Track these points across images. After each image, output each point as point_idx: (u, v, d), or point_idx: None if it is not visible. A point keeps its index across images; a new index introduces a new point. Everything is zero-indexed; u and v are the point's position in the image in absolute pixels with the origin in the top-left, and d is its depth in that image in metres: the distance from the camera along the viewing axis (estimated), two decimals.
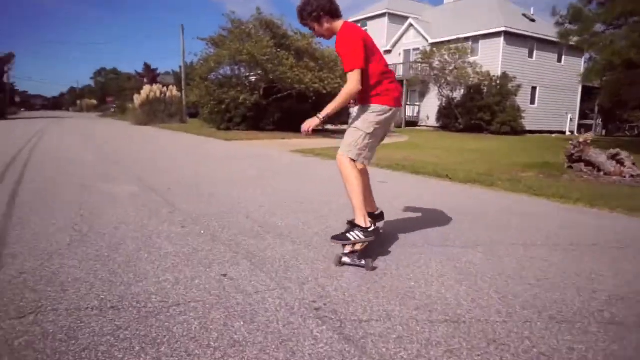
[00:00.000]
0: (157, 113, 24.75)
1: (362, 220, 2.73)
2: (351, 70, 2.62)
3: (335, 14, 2.73)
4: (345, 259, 2.65)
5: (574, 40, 14.67)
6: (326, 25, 2.74)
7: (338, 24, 2.74)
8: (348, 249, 2.69)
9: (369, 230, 2.69)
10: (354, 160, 2.83)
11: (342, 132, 13.32)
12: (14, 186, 4.84)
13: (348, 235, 2.69)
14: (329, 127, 21.04)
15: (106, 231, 3.18)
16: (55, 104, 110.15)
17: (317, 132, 16.05)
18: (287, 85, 16.44)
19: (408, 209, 4.24)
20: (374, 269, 2.59)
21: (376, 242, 2.85)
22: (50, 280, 2.26)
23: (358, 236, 2.66)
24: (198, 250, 2.78)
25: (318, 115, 2.79)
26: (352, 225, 2.76)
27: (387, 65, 2.89)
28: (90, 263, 2.52)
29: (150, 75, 52.61)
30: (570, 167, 8.46)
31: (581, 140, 8.45)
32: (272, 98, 17.23)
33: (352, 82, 2.63)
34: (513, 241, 3.30)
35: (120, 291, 2.14)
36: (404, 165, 8.15)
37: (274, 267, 2.52)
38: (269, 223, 3.52)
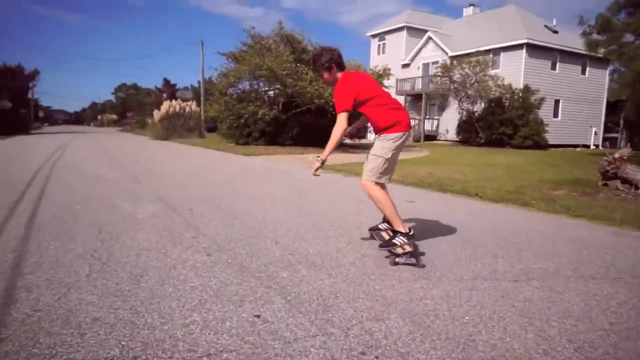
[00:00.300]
0: (176, 128, 24.92)
1: (401, 227, 3.12)
2: (340, 113, 3.11)
3: (341, 66, 3.25)
4: (399, 259, 3.00)
5: (601, 50, 14.24)
6: (335, 75, 3.24)
7: (340, 74, 3.24)
8: (400, 250, 3.04)
9: (410, 234, 3.10)
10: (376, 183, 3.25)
11: (360, 147, 13.27)
12: (34, 206, 4.71)
13: (394, 241, 3.09)
14: (347, 141, 20.86)
15: (127, 259, 2.98)
16: (77, 118, 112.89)
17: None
18: (306, 99, 16.32)
19: (444, 233, 3.95)
20: (423, 266, 2.97)
21: (420, 273, 2.59)
22: (67, 321, 2.04)
23: (402, 240, 3.06)
24: (226, 284, 2.54)
25: (318, 157, 3.25)
26: (394, 232, 3.16)
27: (391, 98, 3.39)
28: (111, 299, 2.30)
29: (169, 90, 53.39)
30: (605, 184, 8.04)
31: (617, 156, 8.03)
32: (291, 113, 17.13)
33: (340, 122, 3.11)
34: (568, 272, 2.98)
35: (144, 336, 1.91)
36: (430, 182, 7.85)
37: (311, 306, 2.26)
38: (300, 250, 3.27)
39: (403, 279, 2.73)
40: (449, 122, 26.51)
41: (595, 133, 26.59)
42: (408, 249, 3.03)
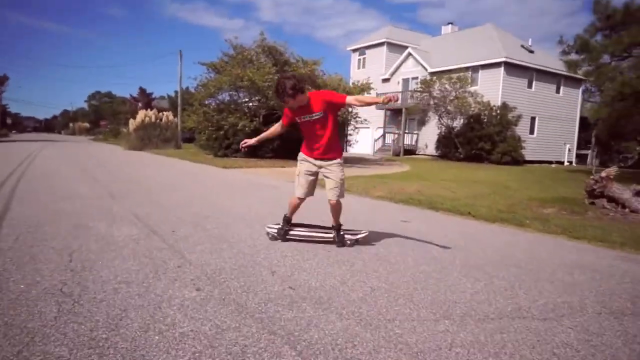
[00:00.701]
0: (151, 138, 24.18)
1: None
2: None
3: (303, 90, 3.58)
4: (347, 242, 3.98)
5: (580, 70, 14.54)
6: (298, 99, 3.55)
7: (306, 95, 3.62)
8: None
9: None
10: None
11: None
12: None
13: (345, 239, 4.03)
14: None
15: (103, 295, 2.56)
16: (48, 126, 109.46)
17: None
18: None
19: (452, 260, 3.67)
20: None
21: (440, 311, 2.28)
22: None
23: (349, 234, 4.10)
24: (223, 329, 2.17)
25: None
26: (338, 230, 4.08)
27: None
28: (84, 351, 1.90)
29: (145, 99, 52.26)
30: (592, 203, 8.00)
31: (603, 175, 8.01)
32: (271, 125, 16.78)
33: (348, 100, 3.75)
34: (596, 308, 2.73)
35: None
36: (419, 199, 7.63)
37: (328, 359, 1.92)
38: (301, 282, 2.92)
39: (422, 318, 2.42)
40: (428, 136, 26.68)
41: (569, 150, 27.23)
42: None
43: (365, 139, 28.39)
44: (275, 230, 4.07)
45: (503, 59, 23.45)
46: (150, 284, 2.79)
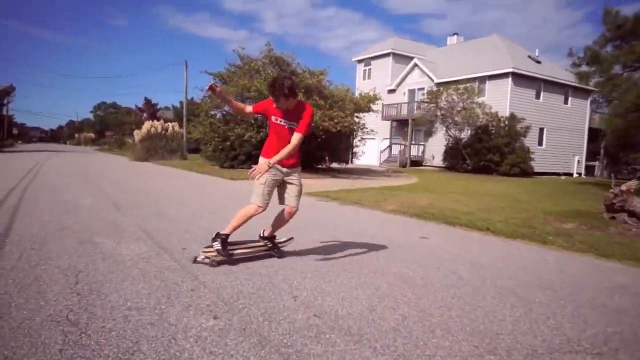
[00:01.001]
0: (157, 149, 24.07)
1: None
2: (304, 135, 3.59)
3: (296, 94, 3.50)
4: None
5: (592, 82, 14.35)
6: (290, 101, 3.46)
7: (295, 101, 3.53)
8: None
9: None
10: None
11: (345, 172, 12.70)
12: None
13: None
14: (334, 165, 20.45)
15: (112, 324, 2.35)
16: (53, 136, 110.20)
17: (321, 171, 15.31)
18: None
19: (481, 282, 3.43)
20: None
21: (484, 345, 2.05)
22: None
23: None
24: None
25: (268, 163, 3.51)
26: (273, 240, 4.00)
27: None
28: None
29: (151, 110, 52.45)
30: (613, 217, 7.74)
31: (624, 188, 7.76)
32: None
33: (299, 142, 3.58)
34: None
35: None
36: (433, 213, 7.40)
37: None
38: (326, 309, 2.69)
39: (465, 353, 2.19)
40: (435, 148, 26.47)
41: (578, 161, 26.93)
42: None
43: (371, 150, 28.19)
44: (215, 253, 3.53)
45: (510, 70, 23.30)
46: (163, 310, 2.57)
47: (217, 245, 3.55)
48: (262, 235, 3.99)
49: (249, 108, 3.78)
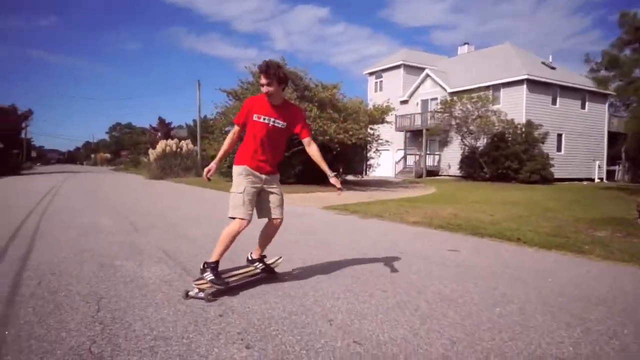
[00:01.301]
0: (172, 167, 24.21)
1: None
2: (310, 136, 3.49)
3: (285, 86, 3.27)
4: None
5: (612, 87, 14.01)
6: (279, 92, 3.21)
7: (284, 95, 3.33)
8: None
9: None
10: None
11: (361, 184, 12.46)
12: (17, 269, 3.88)
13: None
14: (350, 177, 20.24)
15: (138, 357, 2.17)
16: (70, 157, 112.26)
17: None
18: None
19: (526, 298, 3.19)
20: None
21: None
22: None
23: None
24: None
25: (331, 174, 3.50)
26: (263, 260, 3.65)
27: None
28: None
29: (164, 129, 53.04)
30: None
31: None
32: (294, 150, 16.55)
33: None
34: None
35: None
36: (458, 224, 7.15)
37: None
38: (365, 334, 2.49)
39: None
40: (450, 157, 26.13)
41: (599, 166, 26.31)
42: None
43: (386, 161, 27.96)
44: (208, 285, 3.12)
45: (525, 77, 23.00)
46: (191, 339, 2.39)
47: (209, 275, 3.13)
48: (250, 258, 3.64)
49: (235, 132, 3.37)
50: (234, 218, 3.20)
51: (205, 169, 3.27)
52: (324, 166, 3.47)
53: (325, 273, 3.83)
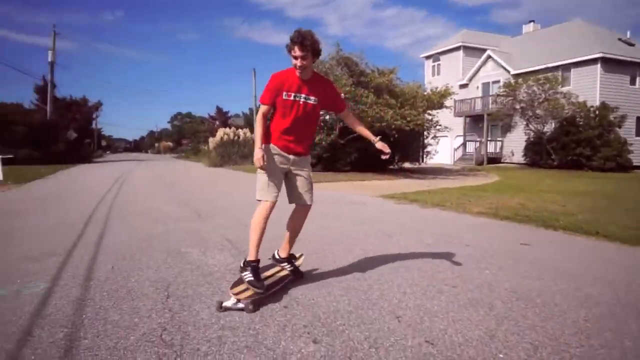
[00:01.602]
0: (230, 155, 24.89)
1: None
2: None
3: (317, 59, 2.95)
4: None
5: None
6: (310, 67, 2.91)
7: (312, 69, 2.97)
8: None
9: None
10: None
11: (418, 171, 11.97)
12: (91, 253, 4.09)
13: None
14: (407, 165, 19.79)
15: (207, 347, 2.18)
16: (136, 146, 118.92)
17: (393, 171, 14.71)
18: (366, 123, 15.54)
19: (614, 300, 2.88)
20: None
21: None
22: None
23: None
24: None
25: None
26: (290, 260, 3.33)
27: None
28: None
29: (222, 118, 54.62)
30: None
31: None
32: (349, 137, 16.40)
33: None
34: None
35: None
36: (527, 215, 6.71)
37: None
38: (437, 334, 2.34)
39: None
40: (514, 143, 24.82)
41: None
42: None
43: (444, 148, 27.05)
44: (249, 292, 2.76)
45: (599, 55, 21.22)
46: (258, 331, 2.37)
47: (249, 275, 2.82)
48: (278, 257, 3.30)
49: (264, 112, 2.99)
50: (259, 200, 3.00)
51: (257, 159, 2.86)
52: (367, 133, 3.27)
53: (389, 265, 3.70)
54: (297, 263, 3.33)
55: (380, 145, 3.15)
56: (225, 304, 2.63)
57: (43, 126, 27.06)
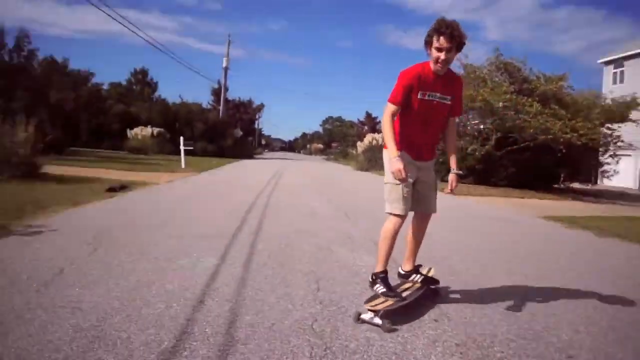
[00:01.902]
0: (377, 160, 25.14)
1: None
2: None
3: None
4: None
5: None
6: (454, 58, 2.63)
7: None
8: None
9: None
10: None
11: (593, 194, 10.24)
12: (251, 240, 4.50)
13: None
14: (576, 185, 17.39)
15: (355, 345, 2.18)
16: (290, 146, 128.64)
17: (557, 191, 12.96)
18: (527, 135, 14.12)
19: None
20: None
21: None
22: None
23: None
24: None
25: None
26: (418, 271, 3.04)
27: None
28: None
29: (371, 123, 55.55)
30: None
31: None
32: (506, 149, 15.10)
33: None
34: None
35: None
36: None
37: None
38: None
39: None
40: None
41: None
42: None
43: (626, 169, 23.02)
44: (385, 304, 2.54)
45: None
46: (406, 339, 2.28)
47: (380, 287, 2.67)
48: (402, 272, 3.00)
49: (394, 113, 2.63)
50: (391, 214, 2.72)
51: (396, 170, 2.50)
52: (452, 154, 2.87)
53: (558, 296, 3.24)
54: (426, 272, 3.04)
55: (453, 177, 2.82)
56: (362, 316, 2.49)
57: (216, 124, 31.18)
